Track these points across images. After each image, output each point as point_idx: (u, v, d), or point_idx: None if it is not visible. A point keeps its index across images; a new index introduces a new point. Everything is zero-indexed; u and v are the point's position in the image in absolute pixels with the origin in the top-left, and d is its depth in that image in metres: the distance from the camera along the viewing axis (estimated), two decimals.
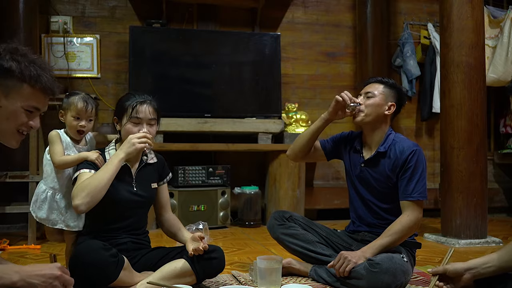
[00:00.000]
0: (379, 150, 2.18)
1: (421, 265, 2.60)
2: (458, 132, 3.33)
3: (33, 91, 1.35)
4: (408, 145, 2.14)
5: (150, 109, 2.02)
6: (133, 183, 2.06)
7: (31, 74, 1.33)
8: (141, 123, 2.00)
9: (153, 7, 4.58)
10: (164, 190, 2.23)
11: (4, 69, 1.31)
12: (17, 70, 1.31)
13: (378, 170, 2.18)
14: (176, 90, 4.29)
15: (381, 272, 1.91)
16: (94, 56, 4.47)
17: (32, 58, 1.36)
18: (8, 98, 1.32)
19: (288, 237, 2.30)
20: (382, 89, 2.21)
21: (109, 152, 2.08)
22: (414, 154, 2.10)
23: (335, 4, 5.03)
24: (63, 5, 4.46)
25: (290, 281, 2.22)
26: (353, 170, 2.28)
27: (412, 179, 2.08)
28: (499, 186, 5.22)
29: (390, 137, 2.20)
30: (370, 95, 2.20)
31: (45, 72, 1.36)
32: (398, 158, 2.12)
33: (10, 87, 1.32)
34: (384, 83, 2.23)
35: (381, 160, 2.17)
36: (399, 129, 5.04)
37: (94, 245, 1.81)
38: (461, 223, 3.32)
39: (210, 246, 2.03)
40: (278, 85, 4.52)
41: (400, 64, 4.97)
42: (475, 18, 3.35)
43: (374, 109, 2.18)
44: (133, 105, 2.00)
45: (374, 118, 2.19)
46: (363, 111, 2.19)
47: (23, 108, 1.34)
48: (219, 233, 3.83)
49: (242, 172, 4.59)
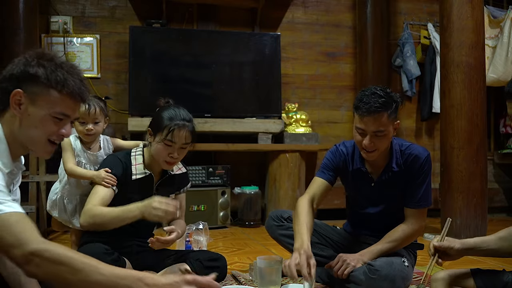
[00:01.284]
0: (393, 170, 2.02)
1: (421, 265, 2.60)
2: (458, 132, 3.33)
3: (61, 96, 1.27)
4: (419, 152, 2.01)
5: (187, 134, 1.91)
6: (154, 193, 2.01)
7: (58, 79, 1.26)
8: (174, 147, 1.90)
9: (153, 7, 4.58)
10: (181, 198, 2.17)
11: (30, 75, 1.25)
12: (43, 75, 1.25)
13: (391, 186, 2.05)
14: (176, 90, 4.28)
15: (380, 278, 1.88)
16: (94, 56, 4.47)
17: (60, 62, 1.30)
18: (35, 105, 1.26)
19: (287, 238, 2.28)
20: (388, 118, 1.88)
21: (135, 157, 2.01)
22: (427, 161, 2.00)
23: (335, 4, 5.03)
24: (63, 5, 4.46)
25: (290, 281, 2.21)
26: (360, 190, 2.14)
27: (421, 186, 2.01)
28: (499, 186, 5.22)
29: (396, 148, 2.04)
30: (380, 134, 1.89)
31: (73, 76, 1.29)
32: (411, 168, 2.01)
33: (37, 93, 1.26)
34: (387, 107, 1.87)
35: (395, 177, 2.03)
36: (399, 129, 5.02)
37: (96, 249, 1.79)
38: (461, 223, 3.31)
39: (213, 254, 2.02)
40: (278, 85, 4.52)
41: (400, 64, 4.97)
42: (475, 18, 3.35)
43: (386, 143, 1.96)
44: (170, 128, 1.88)
45: (386, 148, 2.00)
46: (375, 151, 1.93)
47: (51, 115, 1.27)
48: (219, 233, 3.83)
49: (242, 172, 4.59)
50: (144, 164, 2.00)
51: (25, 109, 1.27)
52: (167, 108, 1.97)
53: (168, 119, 1.90)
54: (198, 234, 2.77)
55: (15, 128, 1.28)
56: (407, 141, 2.13)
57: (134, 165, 1.99)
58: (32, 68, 1.26)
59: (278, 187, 4.28)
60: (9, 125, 1.28)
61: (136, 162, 1.99)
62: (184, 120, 1.92)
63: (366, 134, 1.89)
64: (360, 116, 1.89)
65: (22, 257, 1.08)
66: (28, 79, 1.26)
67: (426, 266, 1.66)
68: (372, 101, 1.85)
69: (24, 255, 1.08)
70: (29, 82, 1.26)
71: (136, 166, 1.99)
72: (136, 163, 1.99)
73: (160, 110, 1.97)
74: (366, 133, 1.89)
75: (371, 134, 1.88)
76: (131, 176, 1.97)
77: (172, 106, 1.99)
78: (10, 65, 1.29)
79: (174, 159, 1.92)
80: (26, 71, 1.26)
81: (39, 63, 1.27)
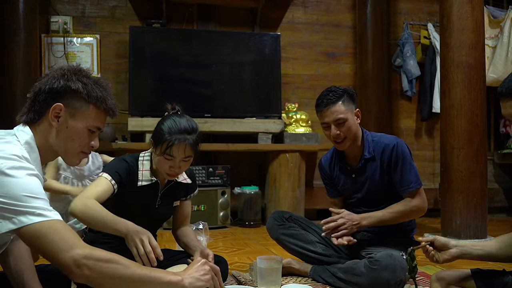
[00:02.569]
0: (365, 157, 2.18)
1: (421, 265, 2.59)
2: (458, 132, 3.33)
3: (98, 112, 1.37)
4: (389, 141, 2.16)
5: (186, 149, 1.81)
6: (158, 200, 1.98)
7: (97, 96, 1.35)
8: (174, 160, 1.83)
9: (153, 7, 4.58)
10: (187, 205, 2.15)
11: (72, 90, 1.33)
12: (84, 91, 1.34)
13: (370, 174, 2.20)
14: (176, 90, 4.28)
15: (380, 269, 1.92)
16: (94, 56, 4.47)
17: (96, 79, 1.40)
18: (74, 119, 1.35)
19: (288, 237, 2.31)
20: (343, 106, 2.12)
21: (143, 163, 1.95)
22: (397, 148, 2.13)
23: (335, 4, 5.03)
24: (63, 5, 4.46)
25: (290, 281, 2.22)
26: (346, 184, 2.28)
27: (404, 171, 2.12)
28: (499, 186, 5.22)
29: (368, 139, 2.20)
30: (341, 121, 2.11)
31: (109, 93, 1.40)
32: (383, 156, 2.15)
33: (77, 108, 1.34)
34: (338, 97, 2.12)
35: (369, 164, 2.19)
36: (399, 129, 5.05)
37: None
38: (461, 223, 3.31)
39: (215, 257, 2.02)
40: (278, 85, 4.52)
41: (400, 64, 4.97)
42: (475, 18, 3.35)
43: (352, 130, 2.14)
44: (169, 142, 1.79)
45: (355, 135, 2.17)
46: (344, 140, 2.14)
47: (87, 128, 1.37)
48: (219, 233, 3.83)
49: (242, 172, 4.59)
50: (151, 171, 1.95)
51: (63, 121, 1.34)
52: (169, 118, 1.87)
53: (167, 132, 1.81)
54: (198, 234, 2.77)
55: (50, 139, 1.35)
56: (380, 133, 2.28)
57: (141, 171, 1.94)
58: (74, 84, 1.33)
59: (278, 187, 4.29)
60: (44, 135, 1.34)
61: (144, 168, 1.94)
62: (185, 133, 1.81)
63: (330, 125, 2.13)
64: (320, 112, 2.15)
65: (73, 261, 1.14)
66: (69, 94, 1.34)
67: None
68: (326, 96, 2.14)
69: (76, 259, 1.14)
70: (71, 97, 1.34)
71: (143, 172, 1.94)
72: (143, 169, 1.94)
73: (162, 120, 1.89)
74: (329, 124, 2.13)
75: (333, 124, 2.11)
76: (136, 181, 1.92)
77: (174, 116, 1.89)
78: (45, 78, 1.36)
79: (175, 172, 1.87)
80: (68, 86, 1.33)
81: (79, 79, 1.35)
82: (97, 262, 1.16)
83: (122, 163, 1.92)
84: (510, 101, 1.40)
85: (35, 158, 1.32)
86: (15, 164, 1.18)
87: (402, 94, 5.05)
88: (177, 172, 1.86)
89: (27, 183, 1.17)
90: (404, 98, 5.10)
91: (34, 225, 1.14)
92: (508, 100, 1.40)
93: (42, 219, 1.15)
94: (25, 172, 1.19)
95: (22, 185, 1.16)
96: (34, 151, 1.32)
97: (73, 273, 1.15)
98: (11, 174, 1.16)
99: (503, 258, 1.59)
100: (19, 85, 3.80)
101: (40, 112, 1.34)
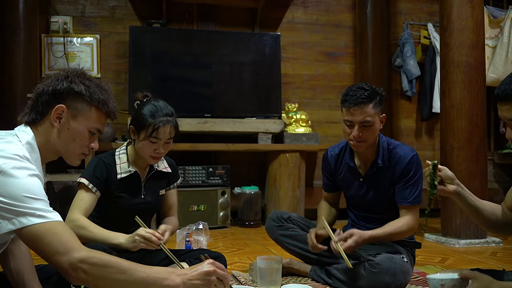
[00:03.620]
0: (378, 165, 2.11)
1: (421, 265, 2.60)
2: (458, 132, 3.33)
3: (99, 114, 1.40)
4: (405, 152, 2.10)
5: (171, 130, 1.93)
6: (142, 191, 2.04)
7: (100, 99, 1.38)
8: (159, 142, 1.92)
9: (153, 7, 4.58)
10: (171, 194, 2.17)
11: (75, 92, 1.35)
12: (87, 94, 1.36)
13: (379, 182, 2.14)
14: (176, 90, 4.29)
15: (381, 272, 1.91)
16: (94, 56, 4.47)
17: (98, 82, 1.42)
18: (76, 121, 1.36)
19: (287, 238, 2.30)
20: (374, 109, 2.00)
21: (119, 157, 2.02)
22: (413, 161, 2.08)
23: (335, 4, 5.03)
24: (63, 5, 4.46)
25: (290, 281, 2.22)
26: (350, 186, 2.23)
27: (409, 185, 2.07)
28: (499, 186, 5.21)
29: (383, 146, 2.13)
30: (367, 124, 2.00)
31: (110, 96, 1.42)
32: (397, 167, 2.09)
33: (79, 109, 1.36)
34: (371, 98, 2.00)
35: (380, 172, 2.13)
36: (399, 129, 5.04)
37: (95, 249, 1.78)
38: (461, 223, 3.32)
39: (212, 253, 2.02)
40: (278, 85, 4.52)
41: (400, 64, 4.97)
42: (475, 18, 3.35)
43: (374, 134, 2.06)
44: (155, 125, 1.89)
45: (374, 140, 2.10)
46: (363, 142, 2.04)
47: (88, 130, 1.39)
48: (219, 233, 3.83)
49: (242, 172, 4.59)
50: (128, 163, 2.01)
51: (65, 122, 1.36)
52: (147, 104, 1.96)
53: (150, 116, 1.90)
54: (198, 234, 2.77)
55: (52, 139, 1.36)
56: (396, 141, 2.20)
57: (119, 164, 1.99)
58: (77, 86, 1.36)
59: (278, 187, 4.28)
60: (45, 135, 1.36)
61: (121, 161, 2.00)
62: (167, 115, 1.92)
63: (354, 125, 2.00)
64: (347, 108, 2.01)
65: (69, 264, 1.15)
66: (72, 96, 1.36)
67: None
68: (358, 93, 1.99)
69: (72, 262, 1.14)
70: (73, 98, 1.36)
71: (120, 165, 2.00)
72: (120, 162, 2.00)
73: (140, 106, 1.97)
74: (354, 124, 2.00)
75: (358, 125, 1.99)
76: (116, 176, 1.98)
77: (151, 101, 1.98)
78: (48, 80, 1.38)
79: (160, 154, 1.94)
80: (71, 88, 1.35)
81: (82, 82, 1.37)
82: (92, 266, 1.16)
83: (99, 163, 1.98)
84: (506, 105, 1.40)
85: (35, 158, 1.32)
86: (16, 164, 1.18)
87: (402, 94, 5.05)
88: (161, 154, 1.94)
89: (28, 183, 1.18)
90: (404, 98, 5.10)
91: (34, 226, 1.14)
92: (505, 104, 1.40)
93: (42, 221, 1.15)
94: (27, 172, 1.19)
95: (23, 186, 1.16)
96: (35, 151, 1.33)
97: (70, 276, 1.16)
98: (13, 174, 1.16)
99: (486, 222, 1.65)
100: (19, 85, 3.80)
101: (42, 113, 1.36)
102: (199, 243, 2.74)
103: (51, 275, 1.63)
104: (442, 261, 2.78)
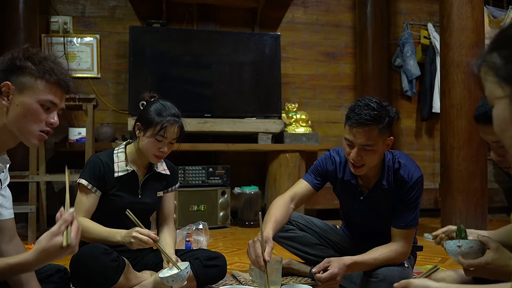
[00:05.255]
0: (382, 186, 1.96)
1: (421, 265, 2.60)
2: (458, 132, 3.33)
3: (48, 85, 1.34)
4: (410, 177, 1.93)
5: (177, 130, 1.97)
6: (139, 191, 2.05)
7: (45, 69, 1.33)
8: (164, 141, 1.95)
9: (153, 7, 4.58)
10: (168, 199, 2.17)
11: (18, 67, 1.32)
12: (30, 66, 1.32)
13: (380, 203, 2.01)
14: (176, 90, 4.28)
15: (378, 280, 1.88)
16: (94, 56, 4.46)
17: (45, 55, 1.37)
18: (23, 95, 1.32)
19: (287, 240, 2.28)
20: (378, 133, 1.79)
21: (117, 155, 2.03)
22: (418, 184, 1.94)
23: (335, 4, 5.03)
24: (63, 5, 4.46)
25: (290, 281, 2.22)
26: (348, 202, 2.13)
27: (409, 208, 1.94)
28: (499, 186, 5.21)
29: (389, 165, 1.96)
30: (368, 148, 1.80)
31: (58, 66, 1.37)
32: (400, 190, 1.95)
33: (24, 83, 1.32)
34: (377, 121, 1.77)
35: (383, 193, 1.98)
36: (399, 129, 5.04)
37: (95, 250, 1.79)
38: (461, 223, 3.30)
39: (212, 253, 2.03)
40: (278, 85, 4.52)
41: (400, 64, 4.97)
42: (475, 18, 3.35)
43: (376, 160, 1.87)
44: (163, 124, 1.92)
45: (376, 164, 1.92)
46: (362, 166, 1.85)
47: (39, 103, 1.33)
48: (219, 233, 3.83)
49: (242, 172, 4.59)
50: (126, 161, 2.01)
51: (12, 99, 1.32)
52: (156, 102, 1.99)
53: (158, 114, 1.94)
54: (198, 234, 2.77)
55: (4, 119, 1.32)
56: (403, 156, 2.02)
57: (116, 162, 2.00)
58: (19, 61, 1.32)
59: (278, 187, 4.28)
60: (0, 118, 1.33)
61: (119, 160, 2.01)
62: (175, 116, 1.96)
63: (354, 146, 1.81)
64: (350, 127, 1.81)
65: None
66: (15, 71, 1.32)
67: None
68: (363, 112, 1.77)
69: None
70: (17, 73, 1.32)
71: (118, 163, 2.00)
72: (118, 160, 2.01)
73: (149, 105, 2.00)
74: (354, 145, 1.81)
75: (358, 147, 1.80)
76: (113, 174, 1.99)
77: (160, 101, 2.01)
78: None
79: (163, 153, 1.97)
80: (13, 64, 1.32)
81: (26, 56, 1.33)
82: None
83: (97, 162, 2.00)
84: (485, 128, 1.37)
85: None
86: None
87: (402, 94, 5.05)
88: (164, 153, 1.97)
89: None
90: (404, 98, 5.10)
91: None
92: (484, 126, 1.38)
93: None
94: None
95: None
96: None
97: None
98: None
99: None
100: None
101: None
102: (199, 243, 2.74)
103: (50, 274, 1.62)
104: (442, 261, 2.77)
